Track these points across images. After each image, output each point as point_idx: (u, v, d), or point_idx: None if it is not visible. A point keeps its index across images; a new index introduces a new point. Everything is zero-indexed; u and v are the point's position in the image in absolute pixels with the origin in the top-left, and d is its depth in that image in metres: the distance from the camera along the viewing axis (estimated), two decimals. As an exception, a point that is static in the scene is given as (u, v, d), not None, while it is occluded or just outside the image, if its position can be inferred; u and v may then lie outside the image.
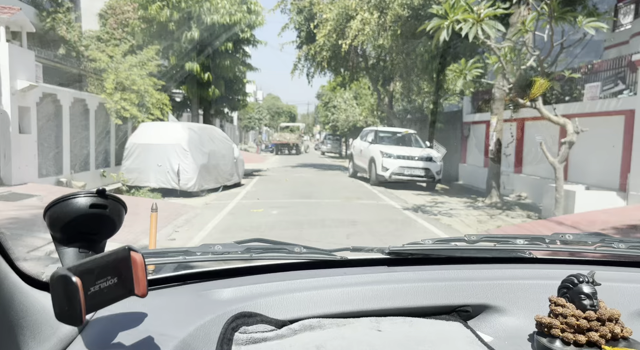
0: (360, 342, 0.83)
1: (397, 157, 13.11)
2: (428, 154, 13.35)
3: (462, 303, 0.97)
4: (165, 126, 10.82)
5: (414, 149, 13.76)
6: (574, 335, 0.80)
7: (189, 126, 10.90)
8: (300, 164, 23.86)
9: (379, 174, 13.21)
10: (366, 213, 8.70)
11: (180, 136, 10.44)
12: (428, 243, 1.15)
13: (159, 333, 0.74)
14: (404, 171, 12.98)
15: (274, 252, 1.09)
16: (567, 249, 1.16)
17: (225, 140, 12.25)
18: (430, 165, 13.08)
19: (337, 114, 28.36)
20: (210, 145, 11.39)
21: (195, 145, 10.67)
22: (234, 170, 12.56)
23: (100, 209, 0.69)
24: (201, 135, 11.09)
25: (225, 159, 12.05)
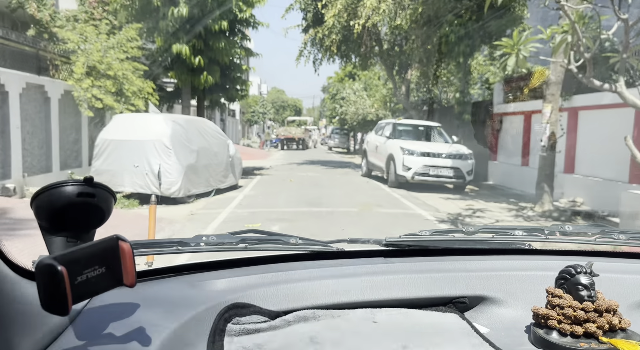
0: (355, 333, 0.81)
1: (420, 155, 11.19)
2: (458, 151, 11.41)
3: (459, 294, 0.94)
4: (144, 119, 8.97)
5: (439, 144, 11.82)
6: (571, 326, 0.79)
7: (173, 119, 9.05)
8: (307, 160, 21.97)
9: (400, 174, 11.30)
10: (394, 227, 6.81)
11: (161, 130, 8.59)
12: (425, 234, 1.13)
13: (151, 323, 0.73)
14: (429, 171, 11.06)
15: (269, 243, 1.06)
16: (566, 240, 1.12)
17: (218, 136, 10.38)
18: (461, 164, 11.15)
19: (346, 107, 26.39)
20: (200, 142, 9.53)
21: (181, 142, 8.82)
22: (229, 171, 10.70)
23: (87, 198, 0.67)
24: (188, 129, 9.23)
25: (218, 157, 10.19)
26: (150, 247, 1.07)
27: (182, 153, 8.75)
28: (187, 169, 8.72)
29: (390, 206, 8.70)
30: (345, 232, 5.42)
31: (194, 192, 9.06)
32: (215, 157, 10.03)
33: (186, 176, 8.65)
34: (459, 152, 11.37)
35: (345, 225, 6.77)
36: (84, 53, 9.42)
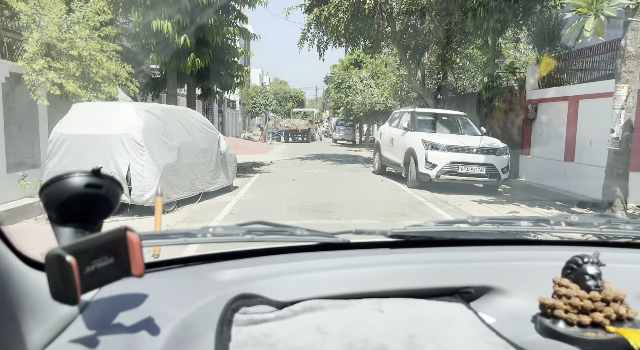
0: (361, 323, 0.81)
1: (447, 149, 9.44)
2: (491, 144, 9.65)
3: (465, 284, 0.94)
4: (110, 108, 7.25)
5: (468, 137, 10.06)
6: (578, 316, 0.78)
7: (148, 108, 7.33)
8: (311, 154, 20.24)
9: (422, 172, 9.56)
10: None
11: (131, 123, 6.88)
12: (431, 225, 1.14)
13: (159, 313, 0.74)
14: (458, 168, 9.32)
15: (275, 235, 1.05)
16: (573, 231, 1.11)
17: (206, 129, 8.66)
18: (495, 160, 9.40)
19: (352, 96, 24.56)
20: (182, 136, 7.82)
21: (157, 137, 7.11)
22: (220, 170, 8.99)
23: (95, 189, 0.68)
24: (167, 121, 7.52)
25: (207, 154, 8.49)
26: (158, 238, 1.10)
27: (159, 150, 7.05)
28: (165, 170, 7.03)
29: (418, 215, 6.98)
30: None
31: (175, 199, 7.37)
32: (202, 155, 8.32)
33: (164, 179, 6.96)
34: (492, 145, 9.61)
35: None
36: (38, 28, 7.68)
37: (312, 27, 15.70)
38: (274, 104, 48.57)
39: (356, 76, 24.72)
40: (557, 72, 10.74)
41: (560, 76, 10.68)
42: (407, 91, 19.78)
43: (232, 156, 9.65)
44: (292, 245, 1.09)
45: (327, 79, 41.96)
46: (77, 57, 8.06)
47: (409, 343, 0.75)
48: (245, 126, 40.66)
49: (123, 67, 9.32)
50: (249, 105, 38.04)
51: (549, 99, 10.69)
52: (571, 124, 9.78)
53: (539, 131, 11.27)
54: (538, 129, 11.31)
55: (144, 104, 8.14)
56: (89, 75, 8.30)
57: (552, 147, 10.48)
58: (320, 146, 28.70)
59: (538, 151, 11.18)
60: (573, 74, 10.44)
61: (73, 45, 8.02)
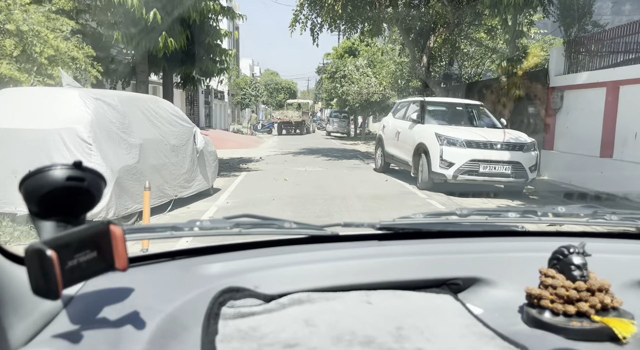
0: (349, 315, 0.81)
1: (466, 145, 8.01)
2: (517, 139, 8.23)
3: (452, 276, 0.94)
4: (49, 96, 5.69)
5: (489, 130, 8.63)
6: (564, 305, 0.79)
7: (100, 96, 5.78)
8: (304, 148, 18.74)
9: (436, 171, 8.14)
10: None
11: (76, 114, 5.36)
12: (419, 217, 1.14)
13: (145, 307, 0.73)
14: (479, 167, 7.90)
15: (263, 228, 1.05)
16: (559, 221, 1.12)
17: (178, 122, 7.15)
18: (522, 157, 7.99)
19: (348, 86, 23.01)
20: (147, 131, 6.31)
21: (111, 132, 5.60)
22: (197, 171, 7.49)
23: (77, 182, 0.66)
24: (126, 112, 6.00)
25: (179, 153, 6.98)
26: (143, 231, 1.08)
27: (113, 149, 5.54)
28: (121, 173, 5.52)
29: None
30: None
31: (136, 209, 5.86)
32: (172, 153, 6.81)
33: (119, 186, 5.47)
34: (518, 140, 8.19)
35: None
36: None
37: (305, 7, 14.15)
38: (265, 95, 47.09)
39: (352, 64, 23.16)
40: (588, 55, 9.33)
41: (592, 59, 9.27)
42: (408, 80, 18.31)
43: (211, 154, 8.14)
44: (281, 239, 1.07)
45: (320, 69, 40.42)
46: (15, 32, 6.49)
47: (397, 335, 0.74)
48: (235, 118, 38.98)
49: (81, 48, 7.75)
50: (239, 97, 36.35)
51: (580, 86, 9.28)
52: (609, 113, 8.39)
53: (565, 122, 9.87)
54: (564, 120, 9.91)
55: (96, 90, 6.60)
56: (32, 55, 6.73)
57: (583, 140, 9.09)
58: (313, 139, 27.18)
59: (564, 145, 9.79)
60: (608, 56, 9.03)
61: (9, 17, 6.45)
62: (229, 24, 19.37)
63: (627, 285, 0.91)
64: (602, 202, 7.74)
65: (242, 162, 13.68)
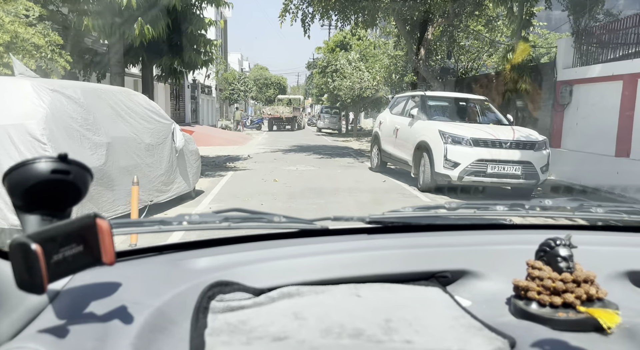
0: (339, 309, 0.81)
1: (473, 143, 7.34)
2: (528, 137, 7.58)
3: (441, 269, 0.95)
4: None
5: (496, 127, 7.96)
6: (550, 297, 0.80)
7: (58, 87, 4.98)
8: (295, 146, 17.98)
9: (440, 172, 7.46)
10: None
11: (27, 108, 4.56)
12: (408, 211, 1.15)
13: (133, 301, 0.72)
14: (487, 168, 7.24)
15: (253, 222, 1.05)
16: (546, 215, 1.14)
17: (153, 118, 6.36)
18: (533, 157, 7.34)
19: (340, 81, 22.23)
20: (116, 128, 5.53)
21: (71, 129, 4.82)
22: (176, 173, 6.72)
23: (62, 175, 0.64)
24: (91, 106, 5.21)
25: (155, 152, 6.20)
26: (131, 226, 1.08)
27: (74, 149, 4.73)
28: (83, 178, 4.73)
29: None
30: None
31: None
32: (147, 153, 6.03)
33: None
34: (529, 138, 7.53)
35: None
36: None
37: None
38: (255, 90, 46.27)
39: (344, 58, 22.38)
40: (601, 46, 8.70)
41: (605, 51, 8.64)
42: (402, 74, 17.62)
43: (193, 153, 7.37)
44: (270, 233, 1.07)
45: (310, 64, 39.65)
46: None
47: (386, 327, 0.75)
48: (223, 114, 38.03)
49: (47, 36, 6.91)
50: (227, 92, 35.40)
51: (592, 79, 8.65)
52: (626, 109, 7.77)
53: (574, 119, 9.25)
54: (573, 115, 9.29)
55: (54, 81, 5.78)
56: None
57: (595, 138, 8.48)
58: (304, 136, 26.41)
59: (573, 143, 9.17)
60: (623, 47, 8.41)
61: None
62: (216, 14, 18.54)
63: (612, 276, 0.92)
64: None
65: (229, 160, 12.89)
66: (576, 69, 9.17)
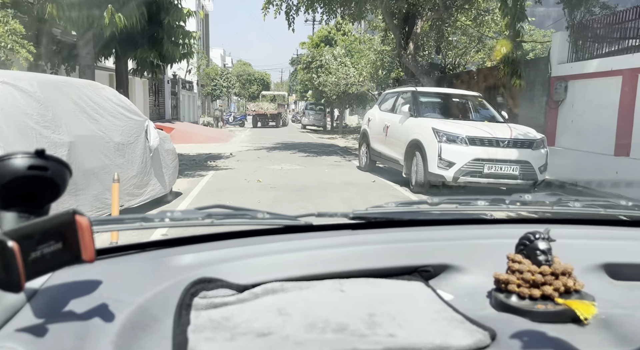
0: (323, 304, 0.80)
1: (469, 142, 6.94)
2: (525, 135, 7.22)
3: (424, 263, 0.95)
4: None
5: (492, 125, 7.59)
6: (529, 289, 0.81)
7: (7, 79, 4.38)
8: (279, 143, 17.45)
9: (434, 172, 7.05)
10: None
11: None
12: (391, 206, 1.15)
13: (114, 299, 0.72)
14: (483, 168, 6.85)
15: (236, 218, 1.03)
16: (526, 209, 1.16)
17: (124, 115, 5.78)
18: (531, 156, 6.98)
19: (325, 76, 21.73)
20: (80, 125, 4.96)
21: (25, 127, 4.24)
22: (150, 174, 6.16)
23: (40, 171, 0.64)
24: (50, 101, 4.63)
25: (126, 152, 5.64)
26: (112, 223, 1.07)
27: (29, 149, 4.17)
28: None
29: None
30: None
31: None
32: (117, 153, 5.47)
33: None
34: (527, 136, 7.17)
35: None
36: None
37: (279, -12, 12.84)
38: (237, 86, 45.53)
39: (329, 54, 21.88)
40: (598, 40, 8.39)
41: (602, 45, 8.34)
42: (389, 70, 17.22)
43: (169, 152, 6.81)
44: (254, 229, 1.05)
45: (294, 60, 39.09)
46: None
47: (369, 321, 0.75)
48: (205, 110, 37.20)
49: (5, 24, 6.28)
50: (209, 87, 34.59)
51: (588, 75, 8.33)
52: (626, 106, 7.47)
53: (570, 116, 8.94)
54: (568, 113, 8.98)
55: (5, 72, 5.16)
56: None
57: (592, 136, 8.17)
58: (288, 132, 25.88)
59: (568, 141, 8.86)
60: (622, 42, 8.10)
61: None
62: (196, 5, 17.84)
63: (589, 268, 0.93)
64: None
65: (211, 158, 12.31)
66: (572, 64, 8.86)
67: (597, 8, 8.76)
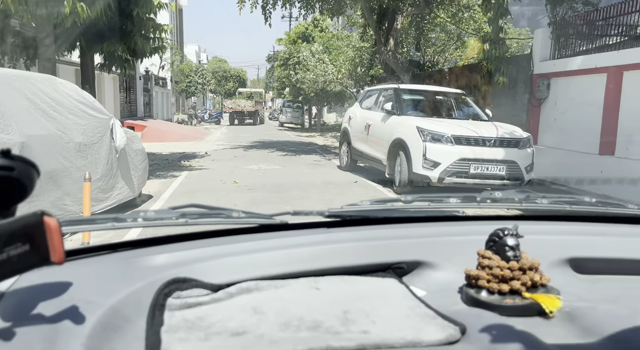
0: (298, 302, 0.80)
1: (454, 141, 6.70)
2: (511, 134, 7.02)
3: (397, 260, 0.96)
4: None
5: (477, 124, 7.37)
6: (499, 284, 0.82)
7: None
8: (256, 142, 16.99)
9: (418, 172, 6.78)
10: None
11: None
12: (366, 204, 1.16)
13: (84, 301, 0.71)
14: (469, 168, 6.62)
15: (211, 218, 1.00)
16: (496, 206, 1.18)
17: (86, 113, 5.30)
18: (517, 156, 6.79)
19: (303, 73, 21.32)
20: (35, 124, 4.48)
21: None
22: (118, 177, 5.69)
23: (5, 171, 0.61)
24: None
25: (88, 154, 5.16)
26: (82, 223, 1.05)
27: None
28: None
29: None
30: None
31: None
32: (77, 155, 4.99)
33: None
34: (513, 136, 6.97)
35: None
36: None
37: (255, -20, 12.39)
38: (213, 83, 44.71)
39: (307, 50, 21.47)
40: (581, 37, 8.27)
41: (585, 42, 8.22)
42: (368, 67, 16.97)
43: (138, 153, 6.34)
44: (229, 228, 1.04)
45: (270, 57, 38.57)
46: None
47: (344, 318, 0.75)
48: (179, 108, 36.28)
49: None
50: (184, 84, 33.72)
51: (572, 72, 8.20)
52: (611, 104, 7.35)
53: (552, 114, 8.82)
54: (551, 111, 8.86)
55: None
56: None
57: (576, 135, 8.06)
58: (266, 130, 25.39)
59: (551, 140, 8.74)
60: (606, 38, 8.00)
61: None
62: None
63: (555, 263, 0.95)
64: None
65: (185, 158, 11.80)
66: (555, 61, 8.73)
67: (580, 4, 8.67)
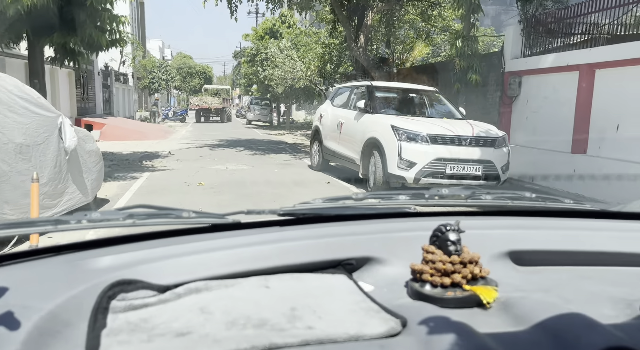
0: (247, 300, 0.79)
1: (430, 141, 6.47)
2: (487, 132, 6.85)
3: (347, 256, 0.98)
4: None
5: (452, 122, 7.18)
6: (441, 278, 0.84)
7: None
8: (223, 140, 16.43)
9: (394, 173, 6.53)
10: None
11: None
12: (319, 202, 1.18)
13: (20, 306, 0.68)
14: (446, 168, 6.41)
15: (160, 218, 0.97)
16: (443, 203, 1.22)
17: (29, 110, 4.73)
18: (493, 155, 6.63)
19: (271, 70, 20.83)
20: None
21: None
22: (68, 181, 5.15)
23: None
24: None
25: (31, 157, 4.62)
26: (22, 226, 0.98)
27: None
28: None
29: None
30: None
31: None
32: (19, 158, 4.44)
33: None
34: (489, 134, 6.81)
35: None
36: None
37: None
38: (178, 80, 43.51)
39: (275, 46, 20.98)
40: (552, 35, 8.23)
41: (556, 40, 8.18)
42: (337, 64, 16.68)
43: (92, 153, 5.79)
44: (179, 228, 1.00)
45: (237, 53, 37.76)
46: None
47: (290, 315, 0.75)
48: (142, 105, 35.01)
49: None
50: (146, 80, 32.53)
51: (543, 70, 8.15)
52: (583, 102, 7.31)
53: (524, 112, 8.77)
54: (523, 109, 8.80)
55: None
56: None
57: (547, 133, 8.01)
58: (233, 128, 24.76)
59: (523, 139, 8.68)
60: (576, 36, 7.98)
61: None
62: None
63: (496, 256, 0.98)
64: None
65: (146, 157, 11.18)
66: (526, 59, 8.67)
67: (550, 2, 8.65)
